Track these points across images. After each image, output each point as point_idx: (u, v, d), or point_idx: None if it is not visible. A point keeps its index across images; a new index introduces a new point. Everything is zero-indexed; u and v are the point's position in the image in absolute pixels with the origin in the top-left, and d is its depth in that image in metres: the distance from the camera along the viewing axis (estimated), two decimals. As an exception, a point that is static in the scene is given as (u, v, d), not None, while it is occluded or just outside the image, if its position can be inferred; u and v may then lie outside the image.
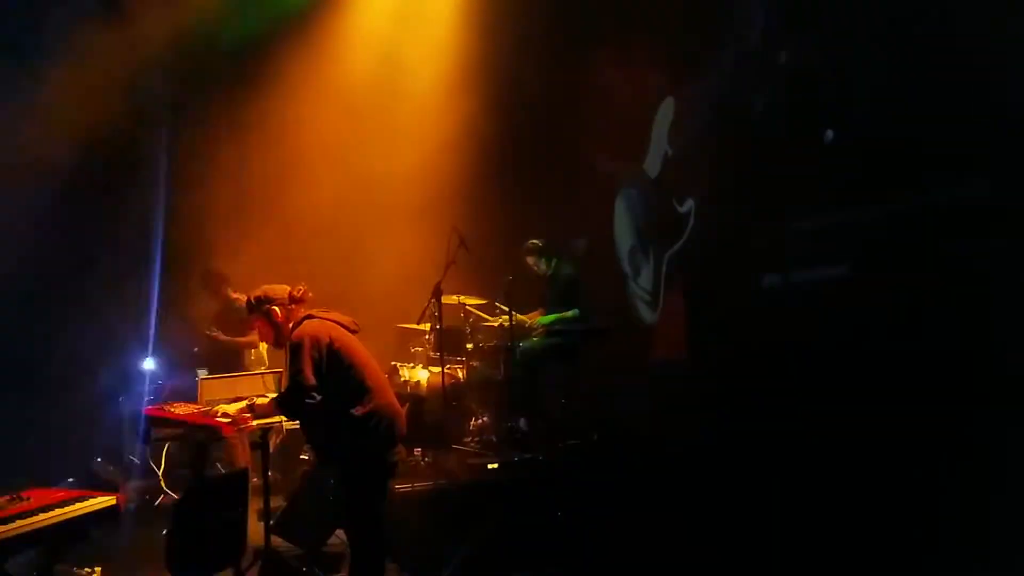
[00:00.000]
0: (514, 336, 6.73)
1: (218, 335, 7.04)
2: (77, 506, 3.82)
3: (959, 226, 4.44)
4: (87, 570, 4.98)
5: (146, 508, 6.92)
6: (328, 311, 4.42)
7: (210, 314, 7.35)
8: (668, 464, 5.80)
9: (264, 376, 5.97)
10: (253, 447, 4.88)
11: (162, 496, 7.01)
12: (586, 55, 8.16)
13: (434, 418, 6.48)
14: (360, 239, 8.38)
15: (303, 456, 6.80)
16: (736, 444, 5.81)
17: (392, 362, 7.26)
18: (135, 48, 7.73)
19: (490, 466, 6.04)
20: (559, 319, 6.91)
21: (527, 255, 7.19)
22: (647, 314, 7.83)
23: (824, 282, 5.41)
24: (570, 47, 8.26)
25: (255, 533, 4.65)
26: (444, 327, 6.74)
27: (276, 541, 4.98)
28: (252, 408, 4.47)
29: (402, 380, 7.02)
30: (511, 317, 6.65)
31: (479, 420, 7.05)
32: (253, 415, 4.49)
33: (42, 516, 3.61)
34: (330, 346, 4.16)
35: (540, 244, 7.16)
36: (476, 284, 7.19)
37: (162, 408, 4.78)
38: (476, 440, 6.88)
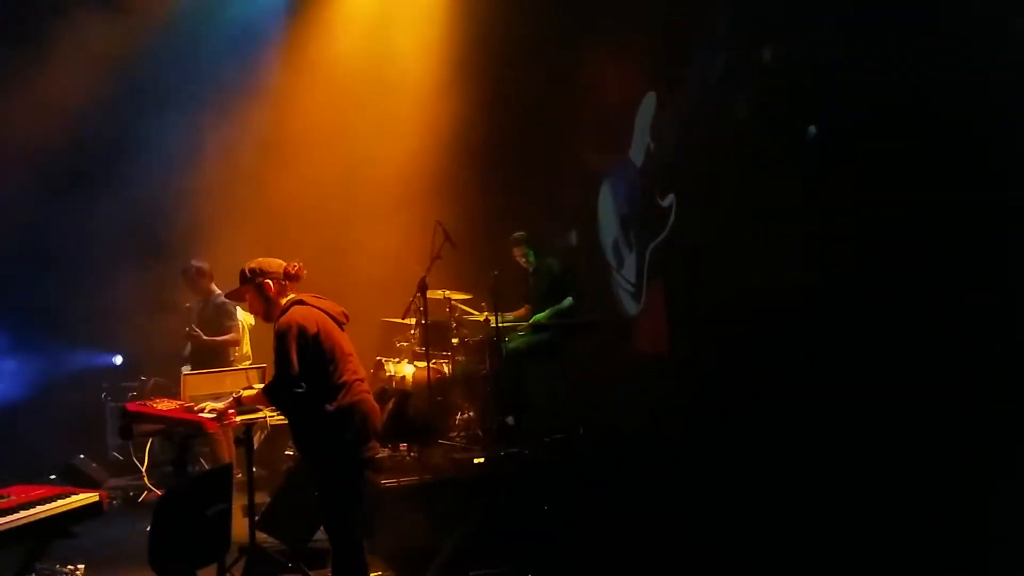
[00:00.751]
0: (500, 331, 6.73)
1: (198, 334, 6.97)
2: (59, 503, 3.78)
3: (952, 224, 4.46)
4: (70, 567, 4.96)
5: (129, 504, 6.89)
6: (321, 298, 4.36)
7: (193, 310, 7.28)
8: (653, 458, 5.82)
9: (248, 371, 5.93)
10: (237, 443, 4.86)
11: (145, 492, 6.98)
12: (571, 48, 8.16)
13: (419, 413, 6.46)
14: (345, 233, 8.37)
15: (288, 452, 6.78)
16: (719, 440, 5.84)
17: (377, 357, 7.24)
18: (128, 32, 7.70)
19: (476, 461, 6.04)
20: (556, 311, 6.90)
21: (513, 246, 7.18)
22: (630, 305, 7.85)
23: (806, 280, 5.42)
24: (555, 40, 8.25)
25: (240, 529, 4.62)
26: (429, 322, 6.72)
27: (261, 537, 4.97)
28: (239, 401, 4.43)
29: (387, 375, 7.01)
30: (496, 314, 6.64)
31: (465, 415, 7.05)
32: (239, 409, 4.46)
33: (24, 513, 3.57)
34: (316, 336, 4.11)
35: (525, 235, 7.17)
36: (461, 279, 7.18)
37: (145, 404, 4.74)
38: (462, 435, 6.88)
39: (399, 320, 7.00)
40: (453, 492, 5.64)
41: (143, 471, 7.09)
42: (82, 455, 7.27)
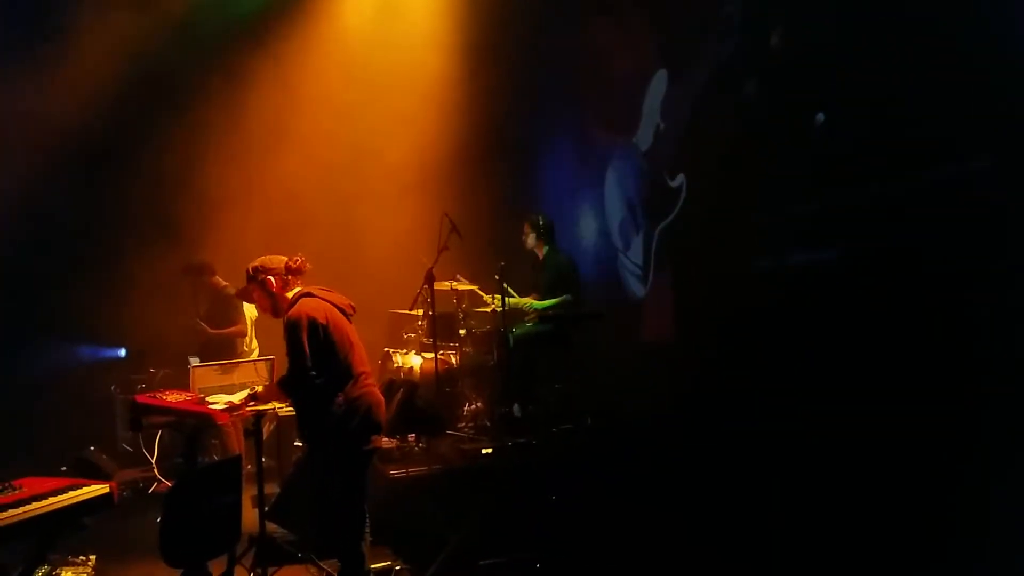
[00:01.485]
0: (507, 321, 6.73)
1: (204, 328, 6.99)
2: (70, 494, 3.79)
3: (959, 210, 4.43)
4: (81, 558, 4.99)
5: (140, 496, 6.93)
6: (329, 291, 4.40)
7: (199, 304, 7.30)
8: (660, 449, 5.82)
9: (256, 363, 5.96)
10: (247, 434, 4.88)
11: (155, 484, 7.02)
12: (582, 28, 8.12)
13: (428, 404, 6.48)
14: (353, 222, 8.39)
15: (296, 443, 6.80)
16: (725, 431, 5.82)
17: (385, 348, 7.25)
18: (140, 17, 7.70)
19: (484, 451, 6.05)
20: (554, 304, 6.90)
21: (525, 224, 7.17)
22: (637, 288, 7.83)
23: (815, 266, 5.40)
24: (564, 19, 8.22)
25: (250, 520, 4.65)
26: (437, 313, 6.72)
27: (271, 527, 4.99)
28: (255, 396, 4.46)
29: (395, 366, 7.02)
30: (504, 301, 6.64)
31: (472, 406, 7.05)
32: (257, 403, 4.48)
33: (35, 505, 3.59)
34: (326, 327, 4.15)
35: (540, 221, 7.15)
36: (469, 270, 7.18)
37: (154, 396, 4.77)
38: (470, 425, 6.89)
39: (407, 311, 7.01)
40: (461, 482, 5.64)
41: (153, 463, 7.13)
42: (92, 447, 7.29)
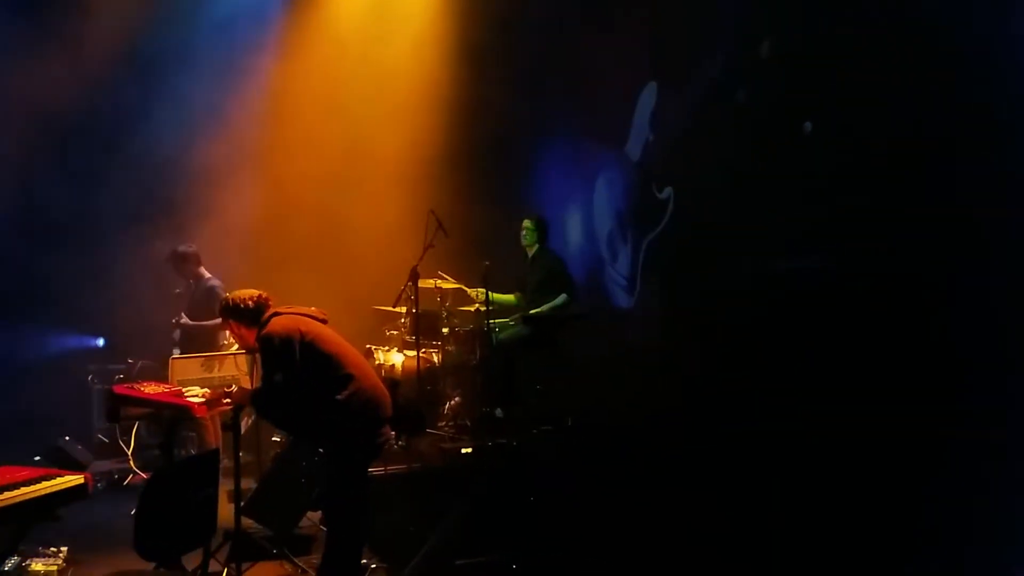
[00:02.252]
0: (491, 321, 6.71)
1: (185, 321, 6.92)
2: (44, 485, 3.74)
3: (946, 215, 4.47)
4: (54, 550, 4.93)
5: (115, 487, 6.86)
6: (292, 306, 4.44)
7: (184, 296, 7.22)
8: (640, 451, 5.83)
9: (236, 356, 5.91)
10: (224, 428, 4.84)
11: (131, 476, 6.95)
12: (573, 36, 8.12)
13: (408, 402, 6.45)
14: (339, 218, 8.34)
15: (275, 438, 6.76)
16: (709, 435, 5.84)
17: (367, 345, 7.21)
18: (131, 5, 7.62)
19: (464, 451, 6.04)
20: (552, 307, 6.88)
21: (526, 219, 7.16)
22: (623, 300, 7.84)
23: (804, 274, 5.43)
24: (559, 24, 8.22)
25: (226, 514, 4.62)
26: (420, 311, 6.70)
27: (247, 523, 4.95)
28: (229, 395, 4.46)
29: (377, 363, 6.97)
30: (488, 300, 6.63)
31: (454, 404, 7.03)
32: (231, 401, 4.48)
33: (7, 495, 3.53)
34: (303, 339, 4.17)
35: (541, 220, 7.15)
36: (454, 269, 7.16)
37: (132, 387, 4.72)
38: (450, 425, 6.87)
39: (390, 308, 6.98)
40: (440, 482, 5.64)
41: (129, 454, 7.06)
42: (68, 437, 7.22)
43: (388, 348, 7.15)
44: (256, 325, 4.32)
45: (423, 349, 6.76)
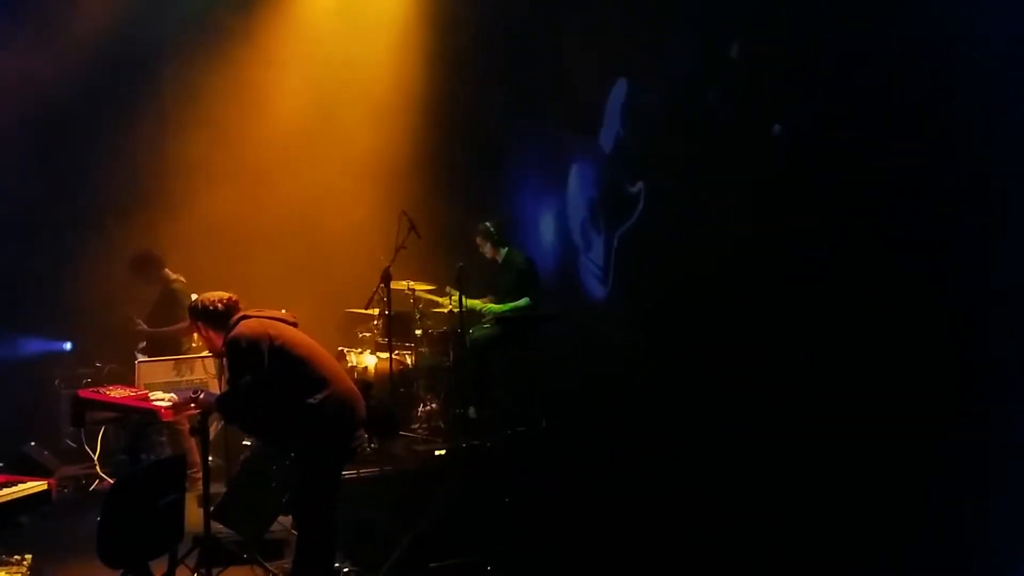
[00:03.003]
0: (464, 323, 6.68)
1: (142, 327, 6.77)
2: (5, 491, 3.68)
3: (916, 216, 4.51)
4: (17, 557, 4.82)
5: (81, 493, 6.74)
6: (262, 310, 4.38)
7: (150, 299, 7.09)
8: (614, 452, 5.83)
9: (204, 360, 5.83)
10: (192, 432, 4.76)
11: (97, 481, 6.83)
12: (545, 31, 8.12)
13: (381, 404, 6.41)
14: (311, 220, 8.28)
15: (245, 442, 6.67)
16: (681, 433, 5.86)
17: (339, 347, 7.16)
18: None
19: (437, 453, 6.01)
20: (513, 308, 6.87)
21: (477, 236, 7.12)
22: (597, 289, 7.86)
23: (773, 272, 5.46)
24: (527, 21, 8.22)
25: (194, 519, 4.55)
26: (393, 312, 6.65)
27: (217, 527, 4.88)
28: (196, 400, 4.39)
29: (349, 366, 6.93)
30: (461, 303, 6.60)
31: (427, 407, 6.99)
32: (197, 406, 4.41)
33: (-32, 501, 3.47)
34: (272, 343, 4.11)
35: (491, 228, 7.09)
36: (426, 270, 7.12)
37: (97, 391, 4.64)
38: (423, 427, 6.83)
39: (362, 310, 6.93)
40: (414, 484, 5.60)
41: (95, 459, 6.93)
42: (33, 442, 7.09)
43: (361, 350, 7.10)
44: (224, 328, 4.26)
45: (396, 351, 6.72)
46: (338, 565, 4.77)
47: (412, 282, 7.00)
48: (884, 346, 4.64)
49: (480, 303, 7.10)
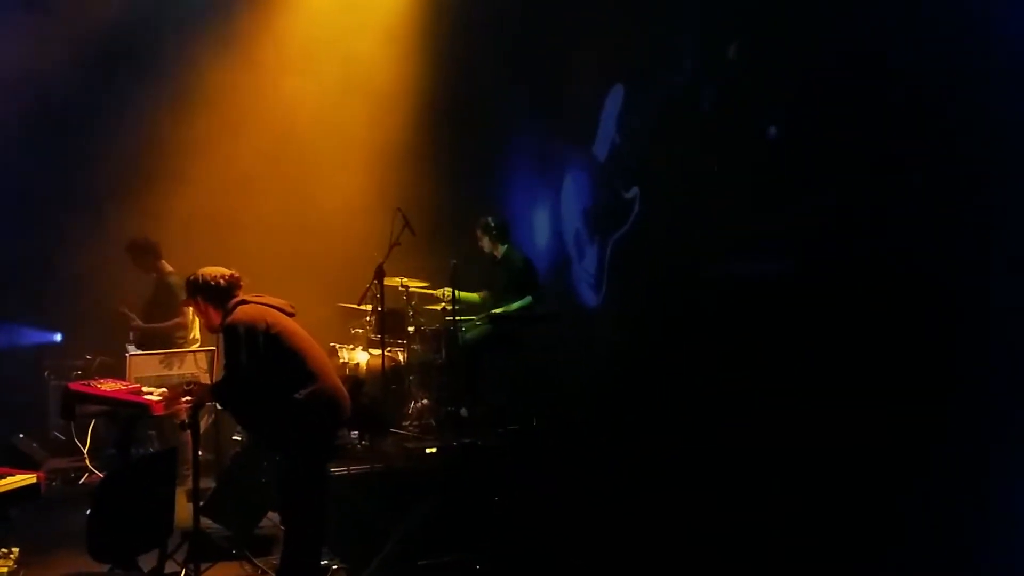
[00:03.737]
0: (457, 320, 6.68)
1: (136, 322, 6.73)
2: (-5, 485, 3.66)
3: (910, 222, 4.52)
4: (4, 551, 4.78)
5: (70, 487, 6.71)
6: (261, 295, 4.35)
7: (145, 292, 7.06)
8: (605, 452, 5.84)
9: (196, 354, 5.80)
10: (183, 427, 4.75)
11: (87, 475, 6.81)
12: (539, 36, 8.12)
13: (372, 401, 6.40)
14: (305, 215, 8.26)
15: (235, 437, 6.66)
16: (672, 434, 5.87)
17: (331, 343, 7.14)
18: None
19: (428, 450, 6.00)
20: (520, 307, 6.86)
21: (478, 230, 7.10)
22: (590, 297, 7.86)
23: (768, 277, 5.47)
24: (523, 28, 8.21)
25: (184, 515, 4.54)
26: (386, 309, 6.64)
27: (206, 523, 4.87)
28: (189, 393, 4.36)
29: (341, 362, 6.92)
30: (455, 298, 6.59)
31: (419, 404, 6.98)
32: (190, 399, 4.38)
33: (-45, 494, 3.45)
34: (267, 331, 4.08)
35: (492, 223, 7.08)
36: (420, 267, 7.11)
37: (88, 384, 4.62)
38: (415, 424, 6.83)
39: (355, 306, 6.91)
40: (404, 482, 5.59)
41: (85, 453, 6.91)
42: (22, 435, 7.05)
43: (353, 346, 7.09)
44: (223, 306, 4.22)
45: (388, 347, 6.71)
46: (326, 562, 4.77)
47: (406, 279, 6.99)
48: (883, 346, 4.64)
49: (478, 296, 7.11)
